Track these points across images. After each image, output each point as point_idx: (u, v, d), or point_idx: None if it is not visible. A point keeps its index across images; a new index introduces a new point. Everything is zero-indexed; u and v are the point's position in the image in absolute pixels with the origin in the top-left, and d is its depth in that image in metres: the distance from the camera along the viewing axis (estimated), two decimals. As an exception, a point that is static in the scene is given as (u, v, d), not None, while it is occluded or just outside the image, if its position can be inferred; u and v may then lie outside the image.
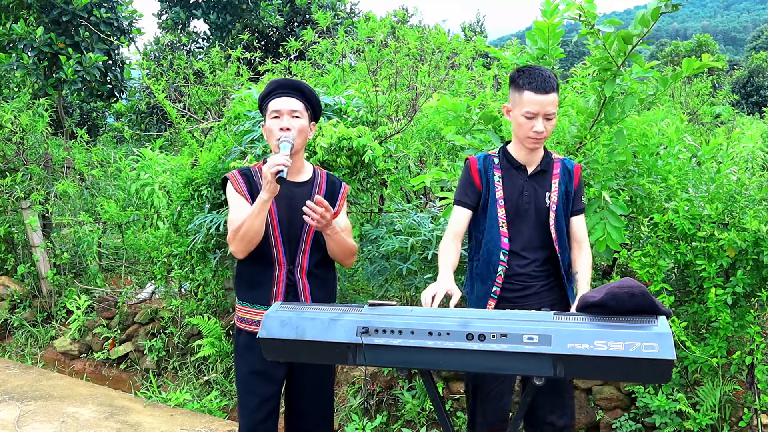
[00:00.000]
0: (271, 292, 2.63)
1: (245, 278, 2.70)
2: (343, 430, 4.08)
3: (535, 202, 2.58)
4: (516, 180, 2.60)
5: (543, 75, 2.46)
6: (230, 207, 2.64)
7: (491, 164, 2.64)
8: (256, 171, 2.69)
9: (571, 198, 2.63)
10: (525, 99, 2.47)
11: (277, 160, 2.38)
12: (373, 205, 5.05)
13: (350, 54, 6.42)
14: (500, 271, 2.59)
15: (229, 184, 2.66)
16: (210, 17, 12.48)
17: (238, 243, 2.52)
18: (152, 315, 5.45)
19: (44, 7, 7.85)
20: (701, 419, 3.29)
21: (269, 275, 2.63)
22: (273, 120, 2.58)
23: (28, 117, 6.19)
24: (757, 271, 3.21)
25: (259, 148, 4.05)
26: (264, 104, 2.65)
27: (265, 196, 2.42)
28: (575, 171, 2.66)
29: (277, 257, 2.62)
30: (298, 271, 2.65)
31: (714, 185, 3.36)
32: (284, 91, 2.62)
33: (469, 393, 2.75)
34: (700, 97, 9.50)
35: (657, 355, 1.76)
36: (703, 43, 26.11)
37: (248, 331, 2.67)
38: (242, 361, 2.72)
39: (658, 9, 2.83)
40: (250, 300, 2.67)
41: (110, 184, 6.90)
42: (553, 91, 2.46)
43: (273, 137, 2.56)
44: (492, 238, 2.61)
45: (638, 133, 3.56)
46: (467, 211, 2.66)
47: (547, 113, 2.47)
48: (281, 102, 2.59)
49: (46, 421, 4.37)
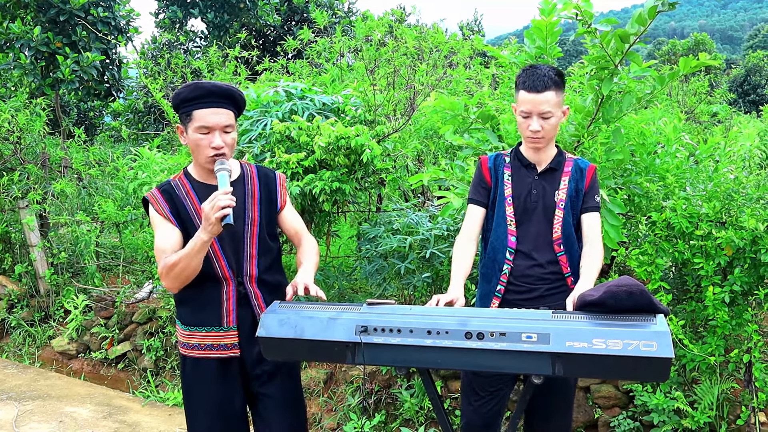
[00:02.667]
0: (221, 311, 2.37)
1: (189, 301, 2.40)
2: (341, 429, 4.08)
3: (543, 201, 2.54)
4: (525, 178, 2.58)
5: (537, 74, 2.43)
6: (155, 231, 2.33)
7: (502, 162, 2.63)
8: (177, 184, 2.38)
9: (582, 196, 2.57)
10: (520, 98, 2.47)
11: (221, 201, 2.08)
12: (371, 204, 5.05)
13: (348, 53, 6.42)
14: (505, 269, 2.56)
15: (151, 206, 2.35)
16: (207, 16, 12.47)
17: (173, 280, 2.25)
18: (150, 314, 5.45)
19: (41, 6, 7.83)
20: (699, 417, 3.29)
21: (216, 294, 2.36)
22: (202, 135, 2.26)
23: (25, 116, 6.17)
24: (755, 269, 3.22)
25: (257, 147, 4.05)
26: (186, 108, 2.27)
27: (205, 237, 2.14)
28: (588, 170, 2.59)
29: (222, 272, 2.35)
30: (248, 281, 2.39)
31: (711, 184, 3.37)
32: (214, 100, 2.26)
33: (464, 390, 2.74)
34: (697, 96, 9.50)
35: (655, 353, 1.77)
36: (700, 42, 26.17)
37: (196, 357, 2.41)
38: (189, 393, 2.47)
39: (654, 8, 2.83)
40: (195, 323, 2.39)
41: (108, 183, 6.89)
42: (547, 90, 2.41)
43: (202, 154, 2.28)
44: (499, 236, 2.58)
45: (636, 132, 3.56)
46: (480, 209, 2.64)
47: (541, 112, 2.43)
48: (211, 116, 2.24)
49: (44, 421, 4.37)
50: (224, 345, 2.39)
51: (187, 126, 2.29)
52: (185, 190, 2.37)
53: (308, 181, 3.93)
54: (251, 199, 2.43)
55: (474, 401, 2.65)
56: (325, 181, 3.92)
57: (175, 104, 2.32)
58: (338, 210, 4.77)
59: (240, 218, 2.35)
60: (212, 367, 2.41)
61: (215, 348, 2.39)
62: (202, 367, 2.41)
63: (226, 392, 2.43)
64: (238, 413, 2.47)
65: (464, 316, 1.98)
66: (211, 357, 2.40)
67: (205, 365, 2.41)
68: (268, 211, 2.47)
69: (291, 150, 4.00)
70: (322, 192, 3.92)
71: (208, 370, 2.41)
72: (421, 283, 3.80)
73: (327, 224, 4.68)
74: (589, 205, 2.57)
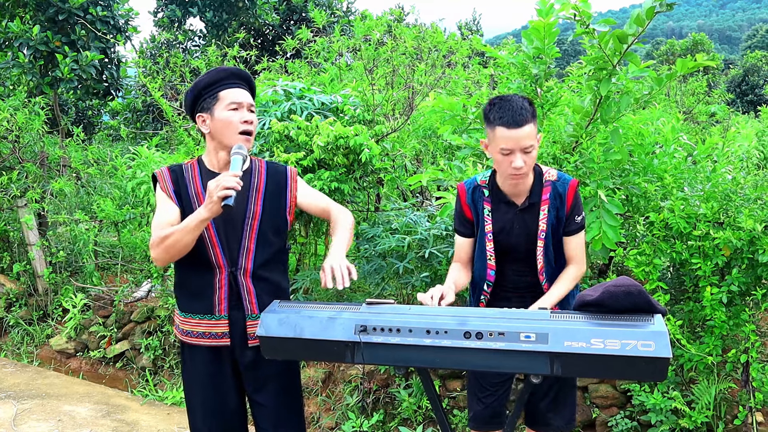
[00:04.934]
0: (213, 299, 2.37)
1: (185, 286, 2.45)
2: (339, 428, 4.09)
3: (526, 235, 2.50)
4: (505, 215, 2.52)
5: (514, 107, 2.28)
6: (157, 207, 2.37)
7: (481, 197, 2.55)
8: (187, 168, 2.42)
9: (563, 221, 2.49)
10: (498, 135, 2.30)
11: (227, 182, 2.10)
12: (369, 204, 5.06)
13: (347, 52, 6.42)
14: (482, 298, 2.60)
15: (157, 184, 2.40)
16: (206, 15, 12.48)
17: (161, 252, 2.24)
18: (148, 313, 5.45)
19: (40, 5, 7.82)
20: (696, 417, 3.30)
21: (209, 281, 2.37)
22: (231, 112, 2.31)
23: (24, 115, 6.17)
24: (752, 269, 3.23)
25: (256, 146, 4.05)
26: (210, 91, 2.34)
27: (204, 214, 2.15)
28: (568, 193, 2.47)
29: (216, 260, 2.35)
30: (242, 275, 2.38)
31: (709, 184, 3.38)
32: (237, 82, 2.37)
33: (469, 386, 2.77)
34: (695, 96, 9.53)
35: (653, 353, 1.77)
36: (698, 42, 26.17)
37: (192, 344, 2.43)
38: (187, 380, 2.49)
39: (653, 8, 2.84)
40: (191, 310, 2.41)
41: (106, 182, 6.89)
42: (527, 123, 2.27)
43: (232, 131, 2.32)
44: (479, 268, 2.61)
45: (634, 132, 3.57)
46: (467, 239, 2.64)
47: (523, 147, 2.28)
48: (239, 94, 2.34)
49: (43, 420, 4.37)
50: (215, 333, 2.40)
51: (214, 109, 2.33)
52: (192, 174, 2.41)
53: (307, 180, 3.93)
54: (255, 193, 2.42)
55: (480, 394, 2.69)
56: (324, 180, 3.93)
57: (196, 93, 2.36)
58: (337, 209, 4.76)
59: (241, 210, 2.35)
60: (205, 356, 2.43)
61: (206, 336, 2.40)
62: (196, 354, 2.44)
63: (220, 385, 2.44)
64: (234, 408, 2.48)
65: (463, 315, 1.99)
66: (203, 345, 2.41)
67: (198, 353, 2.43)
68: (273, 207, 2.45)
69: (290, 149, 4.00)
70: (321, 191, 3.92)
71: (201, 358, 2.43)
72: (420, 283, 3.80)
73: (326, 224, 4.68)
74: (571, 228, 2.50)
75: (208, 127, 2.36)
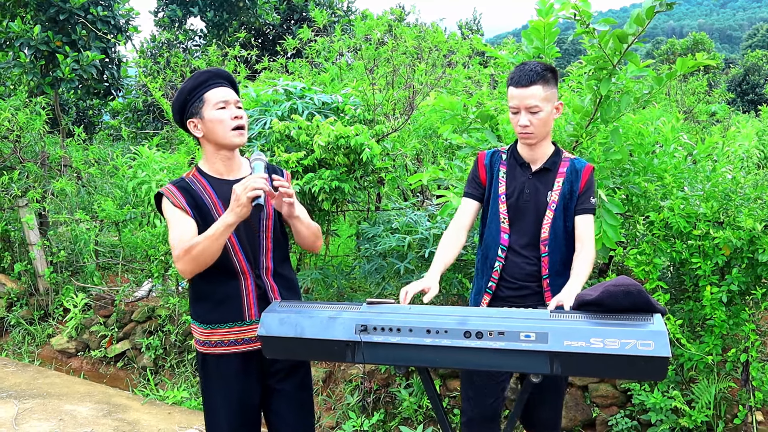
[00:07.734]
0: (242, 305, 2.39)
1: (207, 297, 2.42)
2: (340, 427, 4.10)
3: (535, 200, 2.54)
4: (519, 177, 2.58)
5: (524, 69, 2.42)
6: (171, 225, 2.34)
7: (498, 160, 2.64)
8: (191, 180, 2.42)
9: (576, 197, 2.53)
10: (509, 94, 2.48)
11: (257, 183, 2.16)
12: (370, 204, 5.06)
13: (347, 52, 6.43)
14: (497, 266, 2.57)
15: (165, 200, 2.37)
16: (207, 15, 12.47)
17: (188, 263, 2.24)
18: (149, 313, 5.46)
19: (41, 5, 7.83)
20: (696, 416, 3.31)
21: (235, 287, 2.39)
22: (220, 110, 2.34)
23: (24, 115, 6.18)
24: (752, 269, 3.23)
25: (256, 146, 4.06)
26: (196, 94, 2.37)
27: (231, 219, 2.18)
28: (584, 171, 2.54)
29: (240, 266, 2.38)
30: (264, 274, 2.43)
31: (709, 184, 3.38)
32: (220, 81, 2.40)
33: (463, 387, 2.76)
34: (695, 96, 9.52)
35: (652, 352, 1.78)
36: (699, 41, 26.17)
37: (218, 354, 2.42)
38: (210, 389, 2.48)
39: (653, 7, 2.84)
40: (217, 320, 2.39)
41: (107, 182, 6.90)
42: (533, 84, 2.40)
43: (224, 129, 2.34)
44: (492, 233, 2.61)
45: (634, 132, 3.57)
46: (474, 203, 2.66)
47: (528, 106, 2.41)
48: (224, 93, 2.37)
49: (44, 419, 4.38)
50: (248, 339, 2.41)
51: (202, 111, 2.36)
52: (201, 186, 2.40)
53: (307, 180, 3.94)
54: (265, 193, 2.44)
55: (473, 396, 2.68)
56: (325, 180, 3.93)
57: (183, 99, 2.39)
58: (337, 209, 4.78)
59: (257, 211, 2.35)
60: (235, 363, 2.43)
61: (239, 343, 2.41)
62: (225, 363, 2.43)
63: (247, 387, 2.46)
64: (255, 407, 2.51)
65: (463, 315, 1.99)
66: (236, 352, 2.42)
67: (228, 361, 2.42)
68: None
69: (290, 149, 4.01)
70: (322, 191, 3.93)
71: (231, 366, 2.43)
72: (420, 283, 3.80)
73: (326, 223, 4.69)
74: (583, 206, 2.53)
75: (200, 131, 2.39)
